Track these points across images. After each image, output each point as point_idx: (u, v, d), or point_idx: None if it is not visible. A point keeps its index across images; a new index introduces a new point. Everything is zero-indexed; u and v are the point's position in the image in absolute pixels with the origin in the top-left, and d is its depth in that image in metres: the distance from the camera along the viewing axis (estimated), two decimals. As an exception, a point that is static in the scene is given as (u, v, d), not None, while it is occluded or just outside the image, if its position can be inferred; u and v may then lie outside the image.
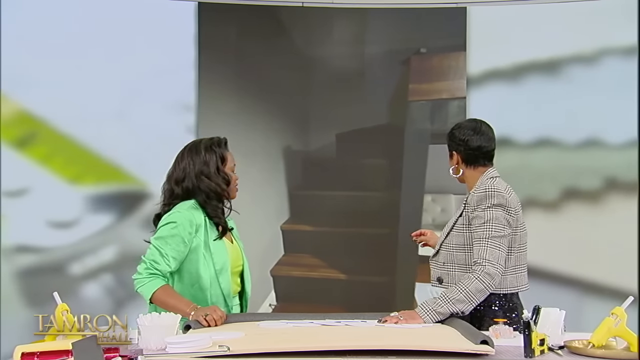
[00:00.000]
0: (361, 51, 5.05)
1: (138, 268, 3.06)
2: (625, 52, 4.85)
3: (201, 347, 2.41)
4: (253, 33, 4.95)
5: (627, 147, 4.83)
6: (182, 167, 3.18)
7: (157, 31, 4.87)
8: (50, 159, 4.84)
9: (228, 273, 3.17)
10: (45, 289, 4.74)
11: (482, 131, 3.09)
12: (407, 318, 2.82)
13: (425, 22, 4.97)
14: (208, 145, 3.21)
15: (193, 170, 3.16)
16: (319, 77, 5.06)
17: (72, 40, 4.84)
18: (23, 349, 2.27)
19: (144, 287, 3.01)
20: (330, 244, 4.99)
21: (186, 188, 3.16)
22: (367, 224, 4.99)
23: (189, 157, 3.19)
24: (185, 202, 3.15)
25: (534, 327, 2.41)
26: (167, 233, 3.06)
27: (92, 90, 4.83)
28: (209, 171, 3.16)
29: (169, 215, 3.11)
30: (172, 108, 4.89)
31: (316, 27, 4.99)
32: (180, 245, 3.06)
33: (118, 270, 4.82)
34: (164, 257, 3.03)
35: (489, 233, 2.88)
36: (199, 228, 3.11)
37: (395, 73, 4.99)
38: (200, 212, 3.14)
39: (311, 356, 2.35)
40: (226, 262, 3.16)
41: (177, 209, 3.12)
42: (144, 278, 3.02)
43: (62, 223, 4.83)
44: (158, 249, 3.04)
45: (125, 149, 4.85)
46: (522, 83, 4.89)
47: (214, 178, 3.16)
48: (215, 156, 3.19)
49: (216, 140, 3.25)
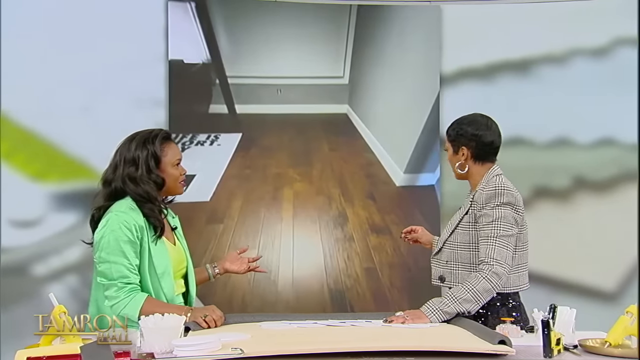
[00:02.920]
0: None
1: (108, 294, 2.79)
2: (595, 53, 4.90)
3: (212, 350, 2.32)
4: (225, 25, 4.82)
5: (595, 146, 4.88)
6: (113, 164, 2.93)
7: (126, 23, 4.68)
8: (12, 155, 4.63)
9: (170, 276, 2.93)
10: (7, 291, 4.59)
11: (493, 127, 3.07)
12: (414, 318, 2.77)
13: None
14: (141, 142, 2.92)
15: (121, 171, 2.89)
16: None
17: (36, 31, 4.64)
18: (27, 353, 2.14)
19: (127, 308, 2.76)
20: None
21: (114, 189, 2.90)
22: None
23: (119, 153, 2.94)
24: (121, 202, 2.88)
25: (553, 326, 2.39)
26: (118, 243, 2.80)
27: (57, 83, 4.62)
28: (136, 174, 2.88)
29: (108, 221, 2.82)
30: (141, 103, 4.71)
31: (289, 21, 4.88)
32: (136, 248, 2.83)
33: (84, 271, 4.62)
34: (130, 270, 2.80)
35: (497, 232, 2.85)
36: (142, 230, 2.85)
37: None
38: (138, 212, 2.87)
39: (326, 357, 2.28)
40: (167, 265, 2.93)
41: (114, 212, 2.84)
42: (122, 299, 2.78)
43: (25, 222, 4.63)
44: (120, 263, 2.79)
45: (92, 145, 4.63)
46: (495, 82, 4.89)
47: (143, 183, 2.88)
48: (148, 154, 2.90)
49: (154, 133, 2.95)
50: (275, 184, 4.85)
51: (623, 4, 4.80)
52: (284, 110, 4.89)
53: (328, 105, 4.94)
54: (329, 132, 4.95)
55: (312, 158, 4.91)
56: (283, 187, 4.85)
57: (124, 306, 2.77)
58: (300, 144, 4.91)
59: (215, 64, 4.79)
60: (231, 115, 4.80)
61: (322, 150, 4.94)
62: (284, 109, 4.89)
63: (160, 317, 2.48)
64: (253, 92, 4.84)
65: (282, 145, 4.89)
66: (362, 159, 4.95)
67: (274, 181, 4.85)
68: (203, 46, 4.79)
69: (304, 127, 4.91)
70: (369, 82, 4.94)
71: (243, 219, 4.72)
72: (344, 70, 4.92)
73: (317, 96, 4.91)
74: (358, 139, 4.95)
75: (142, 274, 2.88)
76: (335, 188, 4.90)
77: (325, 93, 4.93)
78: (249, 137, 4.83)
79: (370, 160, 4.96)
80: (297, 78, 4.89)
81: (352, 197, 4.91)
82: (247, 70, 4.83)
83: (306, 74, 4.89)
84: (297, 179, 4.88)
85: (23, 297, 4.58)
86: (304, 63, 4.90)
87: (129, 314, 2.73)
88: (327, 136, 4.95)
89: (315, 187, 4.88)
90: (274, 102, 4.87)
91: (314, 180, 4.89)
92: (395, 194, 4.96)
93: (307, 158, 4.91)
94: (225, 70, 4.79)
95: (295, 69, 4.87)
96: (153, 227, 2.90)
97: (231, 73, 4.80)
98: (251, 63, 4.83)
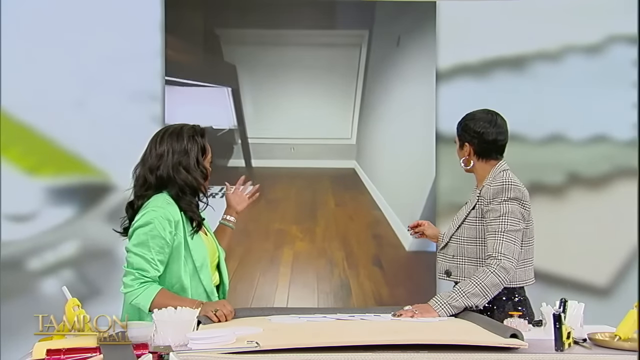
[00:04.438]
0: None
1: (125, 280, 2.85)
2: (588, 50, 4.93)
3: (226, 343, 2.33)
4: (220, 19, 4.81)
5: (589, 143, 4.92)
6: (159, 153, 2.96)
7: (121, 17, 4.68)
8: (6, 149, 4.62)
9: (208, 268, 3.02)
10: (2, 285, 4.56)
11: (498, 124, 3.07)
12: (422, 312, 2.79)
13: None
14: (191, 134, 3.01)
15: (171, 159, 2.95)
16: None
17: (32, 26, 4.63)
18: (46, 345, 2.13)
19: (140, 298, 2.82)
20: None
21: (160, 177, 2.95)
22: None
23: (168, 143, 2.98)
24: (158, 196, 2.94)
25: (564, 320, 2.41)
26: (147, 237, 2.86)
27: (52, 78, 4.63)
28: (189, 163, 2.97)
29: (144, 214, 2.89)
30: (137, 97, 4.70)
31: (285, 14, 4.88)
32: (164, 247, 2.88)
33: (79, 265, 4.63)
34: (150, 264, 2.85)
35: (504, 227, 2.86)
36: (178, 225, 2.92)
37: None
38: (175, 207, 2.94)
39: (341, 351, 2.29)
40: (205, 257, 3.00)
41: (152, 207, 2.90)
42: (136, 289, 2.83)
43: (20, 216, 4.61)
44: (142, 255, 2.84)
45: (87, 139, 4.65)
46: (489, 79, 4.91)
47: (193, 171, 2.98)
48: (197, 147, 3.01)
49: (198, 129, 3.06)
50: (276, 241, 4.79)
51: (617, 1, 4.84)
52: (296, 165, 4.92)
53: (336, 160, 4.95)
54: (337, 186, 4.92)
55: (317, 213, 4.86)
56: (283, 245, 4.79)
57: (136, 296, 2.82)
58: (307, 197, 4.88)
59: (239, 127, 4.85)
60: (247, 168, 4.83)
61: (328, 205, 4.88)
62: (296, 163, 4.92)
63: (173, 310, 2.48)
64: (269, 149, 4.90)
65: (289, 198, 4.85)
66: (369, 217, 4.86)
67: (275, 238, 4.80)
68: (232, 114, 4.85)
69: (312, 180, 4.90)
70: (374, 141, 4.95)
71: (235, 284, 4.40)
72: (351, 131, 4.94)
73: (326, 153, 4.94)
74: (365, 194, 4.88)
75: (178, 269, 2.93)
76: (339, 250, 4.81)
77: (334, 151, 4.96)
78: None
79: (377, 218, 4.86)
80: (309, 139, 4.92)
81: (356, 262, 4.79)
82: (266, 132, 4.89)
83: (317, 135, 4.94)
84: (299, 237, 4.81)
85: (18, 291, 4.56)
86: (316, 125, 4.93)
87: (141, 303, 2.81)
88: (334, 190, 4.91)
89: (317, 248, 4.80)
90: (288, 157, 4.92)
91: (316, 240, 4.81)
92: (404, 260, 4.80)
93: (312, 213, 4.86)
94: (247, 133, 4.86)
95: (308, 131, 4.92)
96: (190, 220, 2.97)
97: (252, 134, 4.87)
98: (270, 125, 4.89)
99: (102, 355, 2.06)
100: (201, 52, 4.83)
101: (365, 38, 4.94)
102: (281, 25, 4.90)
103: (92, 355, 2.09)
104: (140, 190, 2.99)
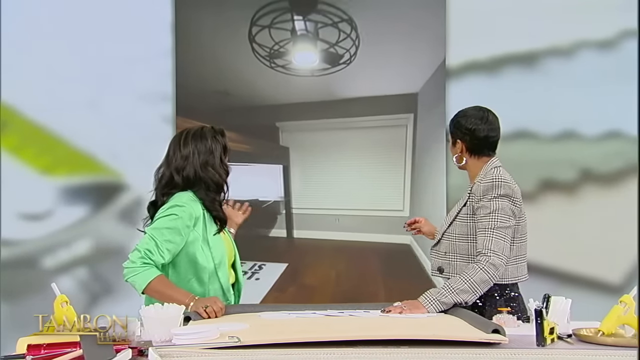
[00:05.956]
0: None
1: (130, 256, 2.95)
2: (601, 46, 4.89)
3: (209, 339, 2.36)
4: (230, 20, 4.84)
5: (602, 139, 4.88)
6: (185, 154, 3.10)
7: (132, 18, 4.76)
8: (21, 150, 4.71)
9: (226, 266, 3.13)
10: (17, 283, 4.66)
11: (489, 120, 3.07)
12: (411, 308, 2.80)
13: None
14: (212, 135, 3.15)
15: (198, 159, 3.09)
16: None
17: (44, 28, 4.72)
18: (28, 341, 2.18)
19: (138, 277, 2.90)
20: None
21: (186, 177, 3.09)
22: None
23: (193, 144, 3.11)
24: (183, 193, 3.08)
25: (546, 315, 2.41)
26: (166, 224, 2.98)
27: (65, 79, 4.72)
28: (214, 162, 3.11)
29: (170, 207, 3.02)
30: (148, 97, 4.77)
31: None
32: (176, 237, 2.99)
33: (92, 264, 4.71)
34: (159, 248, 2.94)
35: (494, 223, 2.86)
36: (197, 221, 3.05)
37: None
38: (198, 204, 3.07)
39: (323, 347, 2.31)
40: (224, 255, 3.12)
41: (177, 202, 3.03)
42: (137, 267, 2.92)
43: (34, 215, 4.71)
44: (154, 238, 2.95)
45: (99, 139, 4.74)
46: (500, 75, 4.89)
47: (218, 169, 3.11)
48: (220, 146, 3.15)
49: (219, 129, 3.20)
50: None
51: (629, -4, 4.79)
52: (340, 237, 4.79)
53: (388, 235, 4.69)
54: (388, 268, 4.63)
55: (362, 298, 4.43)
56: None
57: (135, 273, 2.91)
58: (349, 283, 4.61)
59: (286, 199, 4.82)
60: (289, 239, 4.78)
61: (377, 298, 4.47)
62: (340, 235, 4.79)
63: (160, 306, 2.53)
64: (313, 220, 4.82)
65: (327, 284, 4.63)
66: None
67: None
68: (280, 188, 4.84)
69: (358, 257, 4.69)
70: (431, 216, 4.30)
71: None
72: (404, 203, 4.75)
73: (376, 225, 4.67)
74: (425, 283, 4.18)
75: (195, 264, 3.05)
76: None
77: (384, 223, 4.71)
78: (293, 269, 4.69)
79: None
80: (356, 210, 4.72)
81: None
82: (311, 202, 4.83)
83: (365, 206, 4.75)
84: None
85: (33, 289, 4.64)
86: (363, 196, 4.80)
87: (137, 282, 2.91)
88: (385, 275, 4.59)
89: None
90: (332, 229, 4.79)
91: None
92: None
93: (356, 299, 4.45)
94: (292, 203, 4.82)
95: (355, 202, 4.79)
96: (214, 219, 3.11)
97: (297, 205, 4.82)
98: (316, 196, 4.84)
99: (80, 350, 2.09)
100: (258, 139, 4.83)
101: (411, 120, 4.84)
102: (334, 115, 4.84)
103: (71, 350, 2.13)
104: (164, 189, 3.12)
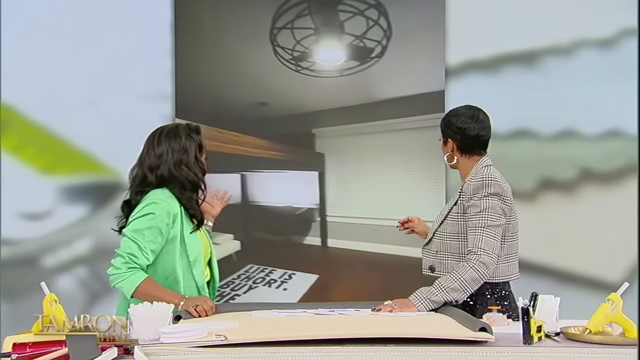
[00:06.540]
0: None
1: (114, 262, 2.94)
2: (601, 44, 4.87)
3: (197, 337, 2.37)
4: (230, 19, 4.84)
5: (601, 138, 4.86)
6: (158, 153, 3.06)
7: (132, 17, 4.75)
8: (21, 149, 4.73)
9: (201, 264, 3.09)
10: (17, 283, 4.68)
11: (480, 119, 3.07)
12: (402, 306, 2.80)
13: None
14: (187, 132, 3.10)
15: (171, 157, 3.05)
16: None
17: (43, 26, 4.73)
18: (14, 339, 2.20)
19: (125, 282, 2.90)
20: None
21: (161, 176, 3.05)
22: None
23: (166, 142, 3.07)
24: (158, 190, 3.04)
25: (533, 313, 2.41)
26: (146, 225, 2.95)
27: (65, 78, 4.71)
28: (188, 160, 3.06)
29: (146, 205, 2.98)
30: (147, 96, 4.77)
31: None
32: (157, 237, 2.96)
33: (93, 263, 4.72)
34: (142, 251, 2.93)
35: (484, 222, 2.87)
36: (176, 218, 3.01)
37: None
38: (175, 201, 3.03)
39: (310, 345, 2.32)
40: (200, 253, 3.08)
41: (153, 199, 3.00)
42: (123, 273, 2.91)
43: (34, 214, 4.72)
44: (136, 242, 2.93)
45: (99, 139, 4.73)
46: (500, 74, 4.88)
47: (193, 168, 3.07)
48: (195, 144, 3.10)
49: (194, 126, 3.16)
50: None
51: (629, -5, 4.77)
52: (376, 249, 4.66)
53: None
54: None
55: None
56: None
57: (122, 279, 2.91)
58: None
59: (320, 206, 4.76)
60: (323, 247, 4.70)
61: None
62: (376, 247, 4.66)
63: (149, 305, 2.54)
64: (348, 229, 4.72)
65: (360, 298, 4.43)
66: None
67: None
68: (316, 195, 4.77)
69: (394, 273, 4.52)
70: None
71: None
72: None
73: (416, 239, 4.15)
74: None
75: (173, 262, 3.02)
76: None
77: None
78: (323, 283, 4.60)
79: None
80: (395, 220, 4.22)
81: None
82: (347, 211, 4.75)
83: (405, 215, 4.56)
84: None
85: (33, 289, 4.64)
86: (402, 207, 4.57)
87: (125, 288, 2.90)
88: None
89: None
90: (367, 239, 4.67)
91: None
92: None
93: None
94: (327, 211, 4.75)
95: (393, 211, 4.49)
96: (191, 217, 3.07)
97: (331, 212, 4.75)
98: (351, 205, 4.76)
99: (66, 349, 2.11)
100: (295, 147, 4.78)
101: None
102: (370, 118, 4.76)
103: (57, 349, 2.15)
104: (138, 188, 3.08)
